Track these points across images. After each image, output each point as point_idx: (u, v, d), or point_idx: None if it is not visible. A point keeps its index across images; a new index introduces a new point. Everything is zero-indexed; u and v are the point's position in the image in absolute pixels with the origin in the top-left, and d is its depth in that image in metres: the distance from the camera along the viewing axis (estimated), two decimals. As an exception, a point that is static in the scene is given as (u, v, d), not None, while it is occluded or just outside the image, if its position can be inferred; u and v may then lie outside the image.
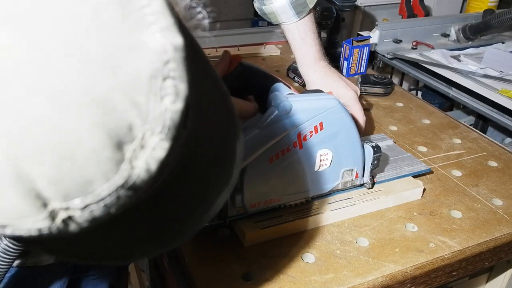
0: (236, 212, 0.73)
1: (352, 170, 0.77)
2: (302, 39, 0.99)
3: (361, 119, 0.93)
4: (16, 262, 0.60)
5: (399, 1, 2.04)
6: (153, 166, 0.27)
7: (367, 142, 0.79)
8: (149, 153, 0.26)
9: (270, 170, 0.69)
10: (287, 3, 0.97)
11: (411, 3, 2.00)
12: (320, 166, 0.73)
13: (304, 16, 0.99)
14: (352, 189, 0.81)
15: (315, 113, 0.69)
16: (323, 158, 0.73)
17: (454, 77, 1.47)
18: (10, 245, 0.42)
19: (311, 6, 0.99)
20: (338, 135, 0.72)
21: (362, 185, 0.81)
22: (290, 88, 0.74)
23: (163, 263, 1.05)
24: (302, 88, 1.17)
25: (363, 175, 0.80)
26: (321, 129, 0.70)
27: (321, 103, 0.70)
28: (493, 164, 0.97)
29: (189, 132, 0.29)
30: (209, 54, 1.44)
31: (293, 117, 0.67)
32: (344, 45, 1.35)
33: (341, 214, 0.77)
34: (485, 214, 0.81)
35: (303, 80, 1.05)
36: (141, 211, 0.33)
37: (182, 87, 0.27)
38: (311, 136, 0.70)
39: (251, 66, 0.79)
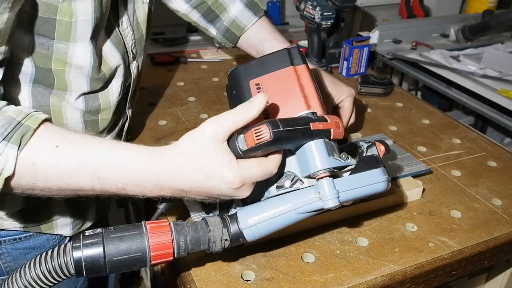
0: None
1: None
2: (270, 40, 0.98)
3: (352, 118, 0.95)
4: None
5: (399, 2, 2.04)
6: None
7: (366, 142, 0.79)
8: None
9: None
10: (242, 6, 0.99)
11: (411, 3, 2.01)
12: None
13: (262, 16, 1.01)
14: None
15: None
16: None
17: (453, 77, 1.47)
18: None
19: (263, 7, 1.01)
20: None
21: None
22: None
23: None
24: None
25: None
26: None
27: (370, 189, 0.63)
28: (493, 164, 0.97)
29: None
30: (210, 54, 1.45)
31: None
32: (344, 46, 1.35)
33: (341, 214, 0.78)
34: (484, 214, 0.81)
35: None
36: None
37: None
38: None
39: None
